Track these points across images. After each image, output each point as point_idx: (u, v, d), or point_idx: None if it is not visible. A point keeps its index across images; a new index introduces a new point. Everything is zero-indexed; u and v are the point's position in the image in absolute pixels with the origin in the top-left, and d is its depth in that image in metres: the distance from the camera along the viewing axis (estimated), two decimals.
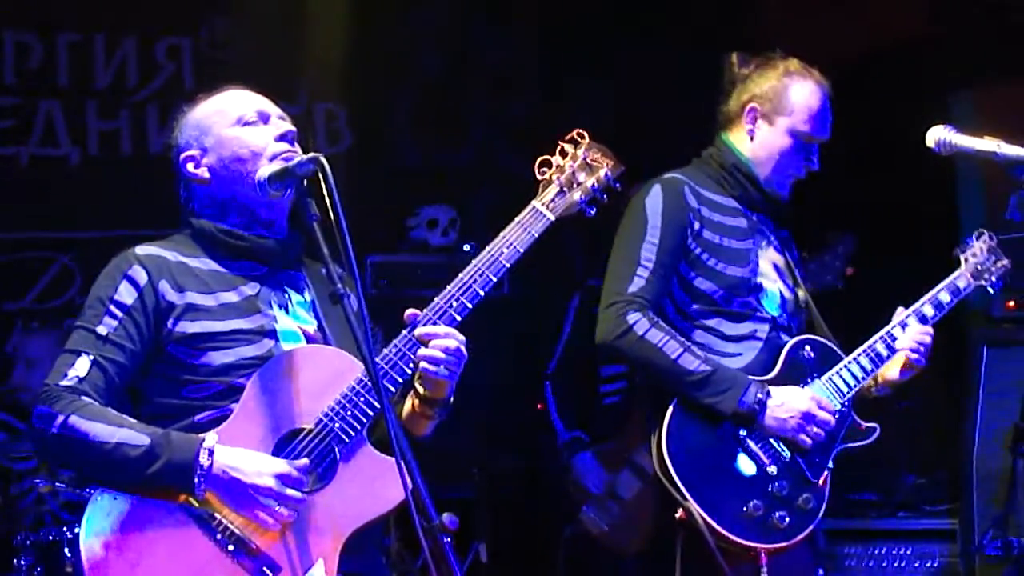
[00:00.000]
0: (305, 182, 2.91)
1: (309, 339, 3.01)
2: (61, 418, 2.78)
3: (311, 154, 2.94)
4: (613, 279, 3.81)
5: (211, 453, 2.76)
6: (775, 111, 3.91)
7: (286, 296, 3.06)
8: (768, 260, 3.93)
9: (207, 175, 3.06)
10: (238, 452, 2.79)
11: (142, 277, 2.95)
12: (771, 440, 3.70)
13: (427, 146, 6.87)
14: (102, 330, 2.90)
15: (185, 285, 2.96)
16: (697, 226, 3.82)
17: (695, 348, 3.72)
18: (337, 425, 2.87)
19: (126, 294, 2.94)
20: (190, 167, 3.08)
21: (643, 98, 6.35)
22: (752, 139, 3.93)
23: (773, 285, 3.91)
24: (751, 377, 3.71)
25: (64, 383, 2.83)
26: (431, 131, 6.86)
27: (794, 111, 3.90)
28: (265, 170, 2.99)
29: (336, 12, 6.53)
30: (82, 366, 2.86)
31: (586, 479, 4.22)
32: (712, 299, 3.82)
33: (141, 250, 3.01)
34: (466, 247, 6.34)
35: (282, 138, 3.04)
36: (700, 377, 3.66)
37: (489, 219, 6.30)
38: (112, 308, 2.93)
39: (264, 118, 3.09)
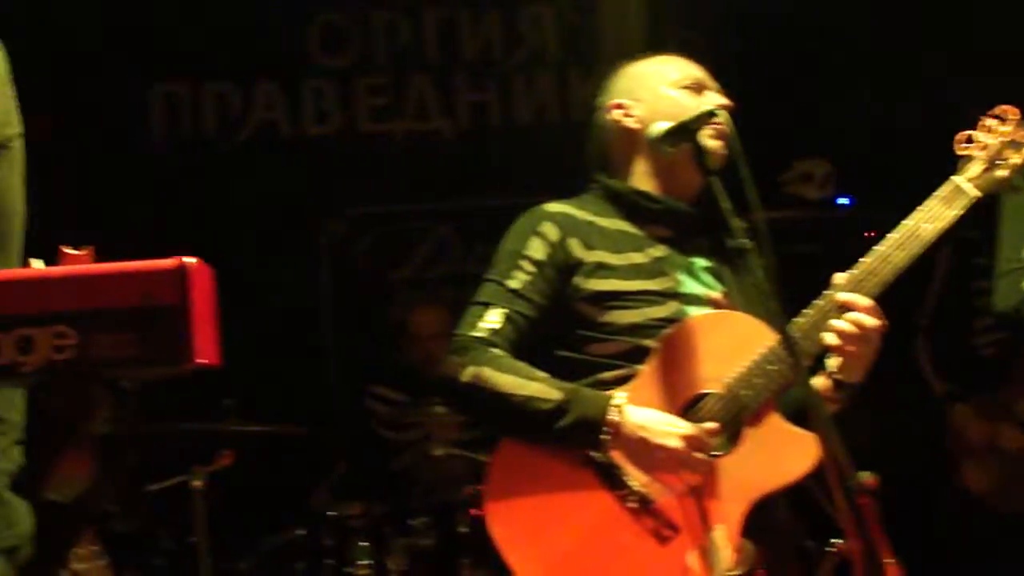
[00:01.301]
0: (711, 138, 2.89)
1: (715, 304, 2.97)
2: (472, 369, 2.82)
3: (706, 107, 2.90)
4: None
5: (620, 411, 2.75)
6: None
7: (691, 260, 3.03)
8: None
9: (635, 125, 3.06)
10: (647, 412, 2.77)
11: (553, 233, 2.97)
12: None
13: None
14: (513, 284, 2.94)
15: (594, 243, 2.97)
16: None
17: None
18: (744, 392, 2.81)
19: (537, 249, 2.96)
20: (617, 113, 3.08)
21: None
22: None
23: None
24: None
25: (475, 334, 2.88)
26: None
27: None
28: (658, 127, 2.97)
29: None
30: (493, 318, 2.90)
31: (965, 433, 4.06)
32: None
33: (551, 207, 3.04)
34: (843, 201, 6.16)
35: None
36: None
37: (864, 172, 6.13)
38: (523, 263, 2.95)
39: (699, 88, 3.06)
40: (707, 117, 2.88)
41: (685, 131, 2.91)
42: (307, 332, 6.19)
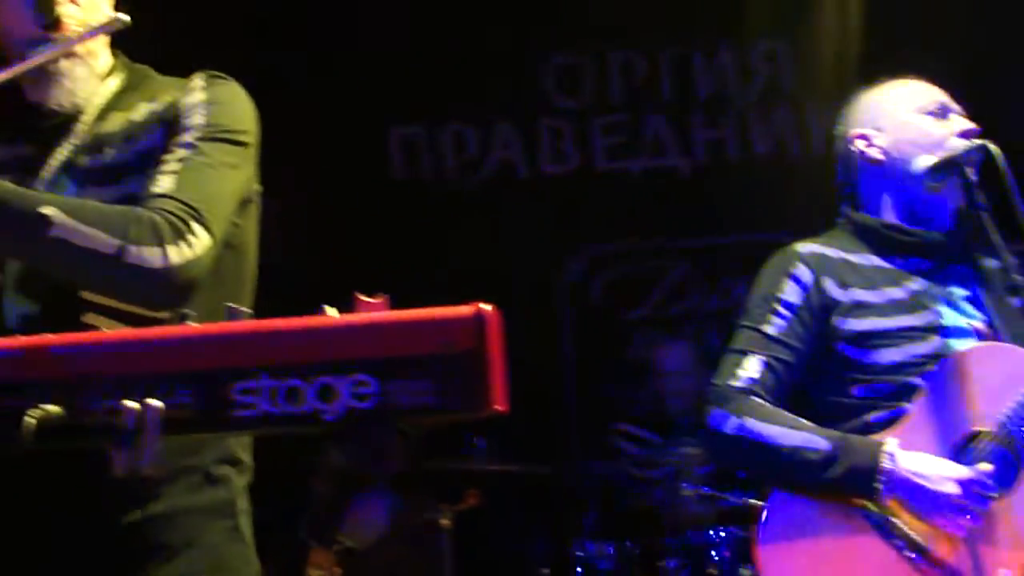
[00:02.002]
0: (970, 171, 2.79)
1: (980, 336, 2.86)
2: (736, 420, 2.78)
3: (976, 142, 2.81)
4: None
5: (892, 458, 2.67)
6: None
7: (952, 292, 2.93)
8: None
9: (880, 156, 2.99)
10: (919, 457, 2.69)
11: (806, 275, 2.91)
12: None
13: None
14: (769, 329, 2.89)
15: (849, 282, 2.90)
16: None
17: None
18: (1019, 429, 2.70)
19: (791, 292, 2.90)
20: (860, 144, 3.02)
21: None
22: None
23: None
24: None
25: (735, 384, 2.83)
26: None
27: None
28: (925, 160, 2.89)
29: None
30: (752, 366, 2.85)
31: None
32: None
33: (802, 247, 2.98)
34: None
35: (963, 135, 2.91)
36: None
37: None
38: (778, 307, 2.90)
39: (945, 112, 2.98)
40: (977, 152, 2.80)
41: (952, 166, 2.83)
42: (547, 370, 6.20)
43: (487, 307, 1.45)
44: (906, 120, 2.98)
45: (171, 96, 2.32)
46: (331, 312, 1.50)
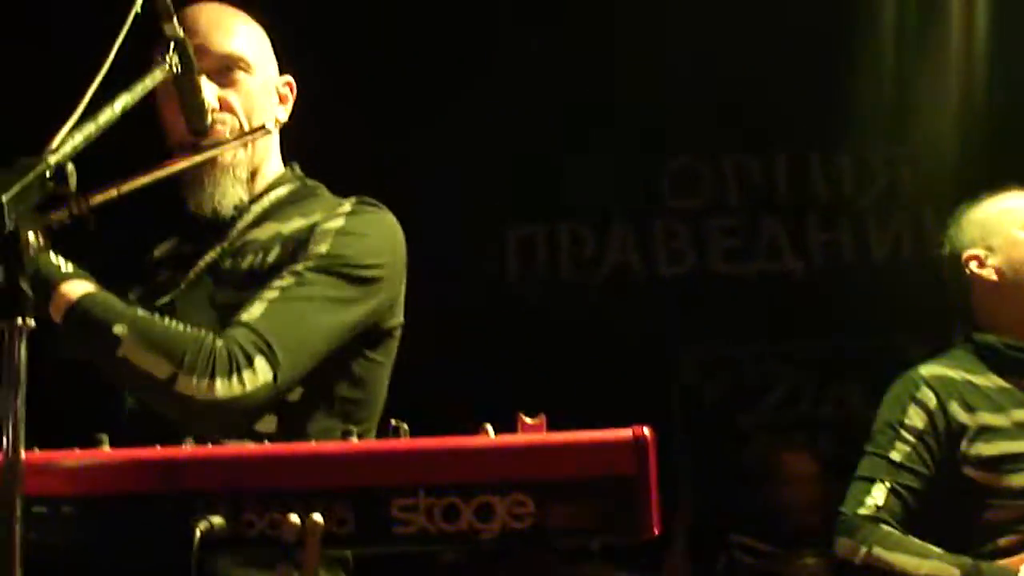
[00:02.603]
0: None
1: None
2: (864, 549, 2.76)
3: None
4: None
5: None
6: None
7: None
8: None
9: (994, 277, 2.96)
10: None
11: (931, 400, 2.89)
12: None
13: None
14: (895, 456, 2.87)
15: (975, 405, 2.87)
16: None
17: None
18: None
19: (916, 418, 2.89)
20: (973, 266, 2.99)
21: None
22: None
23: None
24: None
25: (862, 512, 2.82)
26: None
27: None
28: None
29: None
30: (879, 494, 2.84)
31: None
32: None
33: (926, 371, 2.96)
34: None
35: None
36: None
37: None
38: (903, 433, 2.89)
39: None
40: None
41: None
42: (660, 475, 6.15)
43: (647, 431, 1.46)
44: (1018, 237, 2.96)
45: (319, 216, 2.36)
46: (490, 431, 1.52)
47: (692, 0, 6.05)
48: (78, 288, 2.18)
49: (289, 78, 2.58)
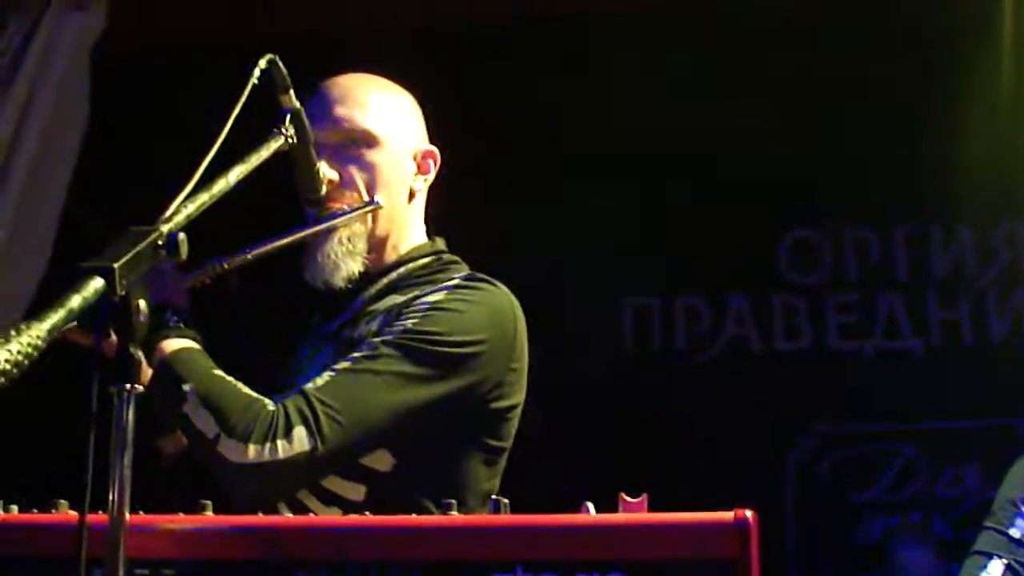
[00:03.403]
0: None
1: None
2: None
3: None
4: None
5: None
6: None
7: None
8: None
9: None
10: None
11: None
12: None
13: None
14: (1014, 532, 2.83)
15: None
16: None
17: None
18: None
19: None
20: None
21: None
22: None
23: None
24: None
25: None
26: None
27: None
28: None
29: None
30: (995, 570, 2.81)
31: None
32: None
33: None
34: None
35: None
36: None
37: None
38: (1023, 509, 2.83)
39: None
40: None
41: None
42: (771, 550, 6.06)
43: (750, 514, 1.44)
44: None
45: (431, 287, 2.38)
46: (591, 509, 1.51)
47: (805, 68, 6.02)
48: (175, 343, 2.24)
49: (432, 148, 2.58)
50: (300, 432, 2.14)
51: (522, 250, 5.84)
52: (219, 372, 2.23)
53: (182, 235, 1.76)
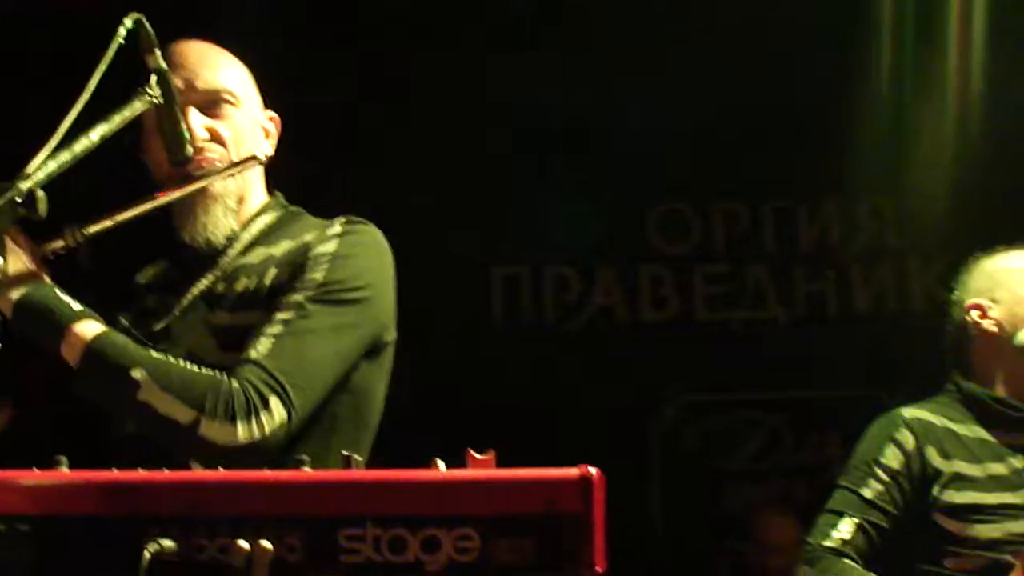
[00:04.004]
0: None
1: None
2: None
3: None
4: None
5: None
6: None
7: None
8: None
9: (993, 329, 2.99)
10: None
11: (909, 441, 2.92)
12: None
13: None
14: (867, 493, 2.90)
15: (952, 453, 2.90)
16: None
17: None
18: None
19: (892, 458, 2.91)
20: (975, 315, 3.02)
21: None
22: None
23: None
24: None
25: (827, 543, 2.84)
26: None
27: None
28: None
29: None
30: (846, 528, 2.86)
31: None
32: None
33: (908, 413, 2.99)
34: None
35: None
36: None
37: None
38: (878, 471, 2.91)
39: None
40: None
41: None
42: (636, 520, 6.15)
43: (593, 470, 1.48)
44: (1023, 295, 2.98)
45: (309, 236, 2.41)
46: (440, 466, 1.54)
47: (685, 48, 6.08)
48: (90, 329, 2.22)
49: (273, 114, 2.64)
50: (275, 402, 2.18)
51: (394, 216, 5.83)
52: (156, 353, 2.24)
53: (40, 192, 1.76)
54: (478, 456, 1.52)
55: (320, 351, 2.27)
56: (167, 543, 1.52)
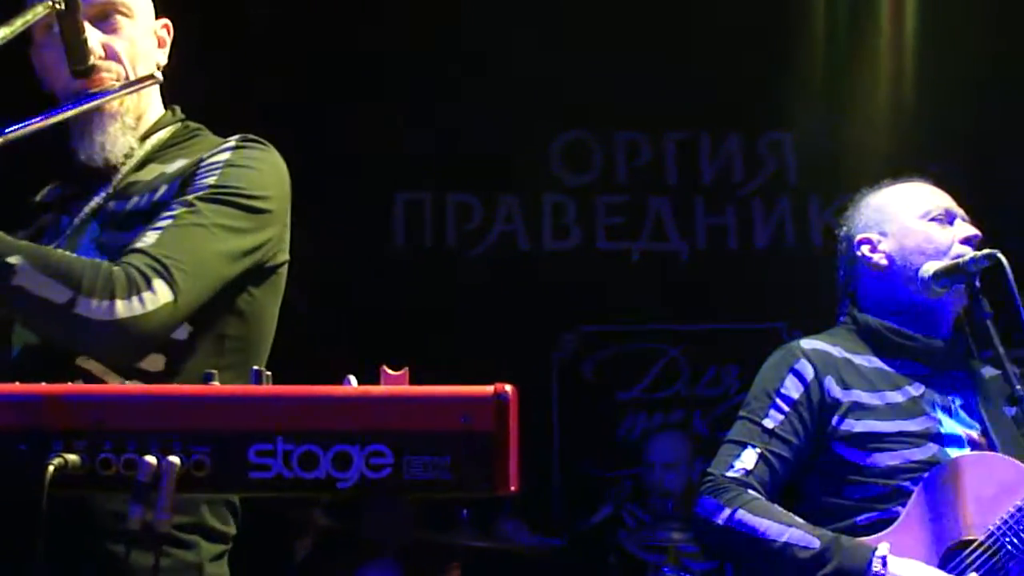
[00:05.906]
0: (976, 279, 2.83)
1: (973, 445, 2.88)
2: (728, 511, 2.79)
3: (986, 250, 2.84)
4: None
5: (884, 562, 2.68)
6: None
7: (949, 399, 2.96)
8: None
9: (884, 262, 3.01)
10: (909, 563, 2.70)
11: (808, 371, 2.93)
12: None
13: None
14: (768, 423, 2.91)
15: (850, 382, 2.92)
16: None
17: None
18: (1009, 540, 2.72)
19: (792, 388, 2.93)
20: (865, 249, 3.04)
21: None
22: None
23: None
24: None
25: (731, 475, 2.85)
26: None
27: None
28: (931, 266, 2.93)
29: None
30: (748, 458, 2.87)
31: None
32: None
33: (807, 344, 3.01)
34: None
35: (966, 242, 2.95)
36: None
37: None
38: (778, 401, 2.92)
39: (951, 218, 3.01)
40: (984, 260, 2.83)
41: (959, 273, 2.86)
42: (536, 446, 6.19)
43: (508, 387, 1.47)
44: (911, 226, 3.00)
45: (204, 153, 2.35)
46: (352, 382, 1.52)
47: None
48: None
49: (166, 21, 2.55)
50: (160, 284, 2.10)
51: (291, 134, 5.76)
52: (35, 245, 2.17)
53: None
54: (392, 372, 1.50)
55: (209, 245, 2.21)
56: (71, 458, 1.49)
